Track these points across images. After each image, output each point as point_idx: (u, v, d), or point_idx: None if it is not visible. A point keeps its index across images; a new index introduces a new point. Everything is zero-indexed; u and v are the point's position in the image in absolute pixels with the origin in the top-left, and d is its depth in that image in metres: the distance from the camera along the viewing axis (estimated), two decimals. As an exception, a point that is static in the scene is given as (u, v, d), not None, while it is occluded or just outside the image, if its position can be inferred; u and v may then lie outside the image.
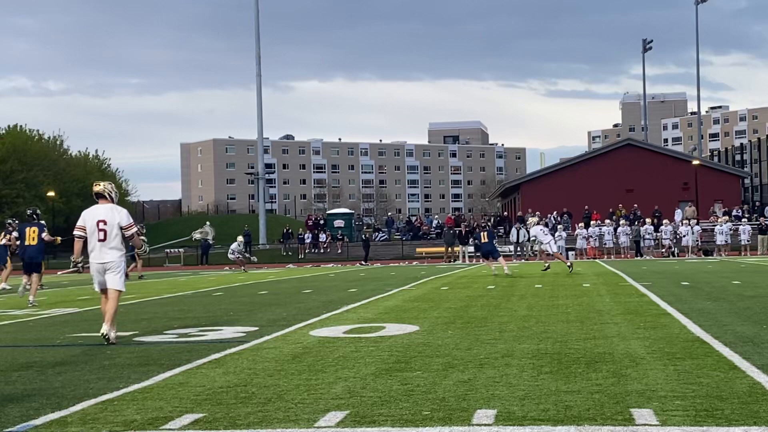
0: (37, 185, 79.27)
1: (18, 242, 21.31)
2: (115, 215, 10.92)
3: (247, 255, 45.91)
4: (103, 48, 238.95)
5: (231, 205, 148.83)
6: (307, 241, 60.73)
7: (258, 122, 74.66)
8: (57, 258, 58.04)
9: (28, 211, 20.40)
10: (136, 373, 7.88)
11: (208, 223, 46.00)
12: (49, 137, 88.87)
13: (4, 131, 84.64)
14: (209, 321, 13.17)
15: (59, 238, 21.99)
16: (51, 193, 78.87)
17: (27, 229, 19.81)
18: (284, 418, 5.78)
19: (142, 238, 19.51)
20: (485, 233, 27.87)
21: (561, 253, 30.55)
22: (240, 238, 43.89)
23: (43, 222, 20.48)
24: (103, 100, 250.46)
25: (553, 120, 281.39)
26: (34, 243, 19.61)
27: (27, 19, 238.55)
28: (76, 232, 11.05)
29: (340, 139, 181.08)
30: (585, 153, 65.19)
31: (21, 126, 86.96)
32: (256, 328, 11.70)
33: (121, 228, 10.90)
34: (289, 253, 61.45)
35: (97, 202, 11.10)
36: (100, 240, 10.80)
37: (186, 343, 10.31)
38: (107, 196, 11.06)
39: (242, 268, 41.20)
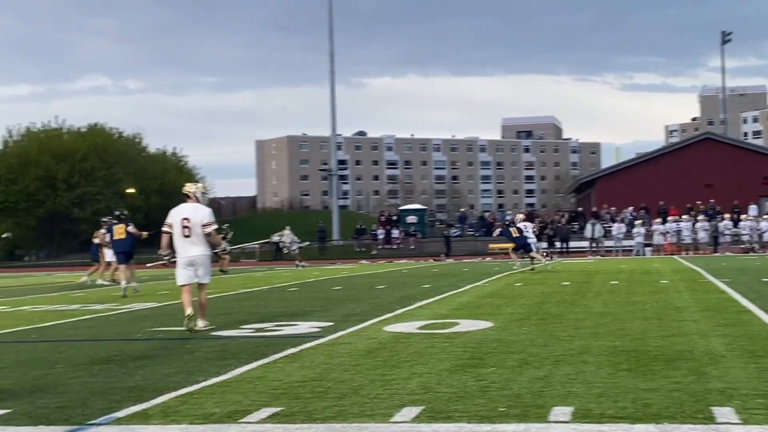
0: (117, 182, 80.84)
1: (108, 240, 23.31)
2: (198, 214, 11.84)
3: (295, 248, 44.96)
4: (179, 47, 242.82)
5: (304, 201, 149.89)
6: (380, 237, 60.87)
7: (331, 119, 75.02)
8: (140, 254, 59.10)
9: (116, 212, 22.96)
10: (214, 367, 8.00)
11: (288, 227, 46.44)
12: (128, 135, 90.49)
13: (85, 130, 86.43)
14: (285, 316, 13.29)
15: (145, 233, 23.24)
16: (130, 190, 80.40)
17: (114, 226, 22.15)
18: (360, 412, 5.81)
19: (228, 239, 20.97)
20: (515, 228, 28.68)
21: (542, 253, 31.24)
22: (287, 231, 43.32)
23: (127, 220, 22.37)
24: (180, 98, 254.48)
25: (628, 114, 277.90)
26: (123, 236, 21.88)
27: (106, 19, 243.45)
28: (164, 228, 11.99)
29: (412, 135, 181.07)
30: (662, 147, 64.20)
31: (101, 124, 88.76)
32: (331, 324, 11.78)
33: (202, 226, 11.76)
34: (362, 249, 61.62)
35: (185, 201, 12.08)
36: (185, 236, 11.74)
37: (263, 337, 10.43)
38: (193, 197, 12.08)
39: (298, 264, 40.92)
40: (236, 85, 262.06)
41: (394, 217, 65.24)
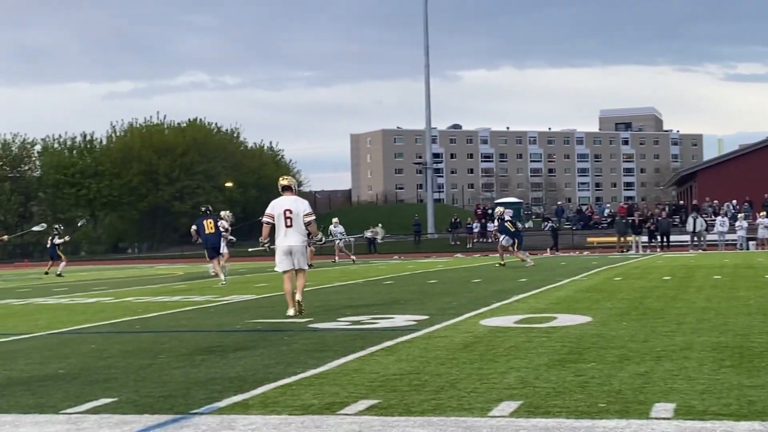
0: (215, 176, 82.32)
1: (197, 233, 23.96)
2: (299, 205, 12.69)
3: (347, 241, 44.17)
4: (276, 42, 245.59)
5: (399, 194, 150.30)
6: (476, 230, 60.66)
7: (426, 112, 75.02)
8: (234, 246, 59.98)
9: (202, 209, 24.41)
10: (312, 359, 8.08)
11: (380, 225, 46.67)
12: (226, 130, 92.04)
13: (185, 125, 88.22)
14: (380, 309, 13.35)
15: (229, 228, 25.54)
16: (229, 184, 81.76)
17: (204, 221, 23.26)
18: (458, 406, 5.80)
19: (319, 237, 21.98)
20: (510, 223, 29.51)
21: (519, 250, 31.31)
22: (335, 220, 43.08)
23: (215, 215, 24.32)
24: (276, 93, 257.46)
25: (731, 105, 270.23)
26: (212, 231, 23.23)
27: (205, 16, 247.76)
28: (264, 219, 12.77)
29: (508, 128, 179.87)
30: (767, 139, 62.28)
31: (200, 119, 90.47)
32: (427, 317, 11.78)
33: (302, 216, 12.60)
34: (457, 243, 61.52)
35: (282, 194, 12.82)
36: (287, 226, 12.55)
37: (359, 330, 10.49)
38: (293, 189, 12.89)
39: (351, 258, 40.71)
40: (332, 79, 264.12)
41: (490, 211, 64.93)
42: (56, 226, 39.66)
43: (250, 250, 26.34)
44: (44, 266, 37.23)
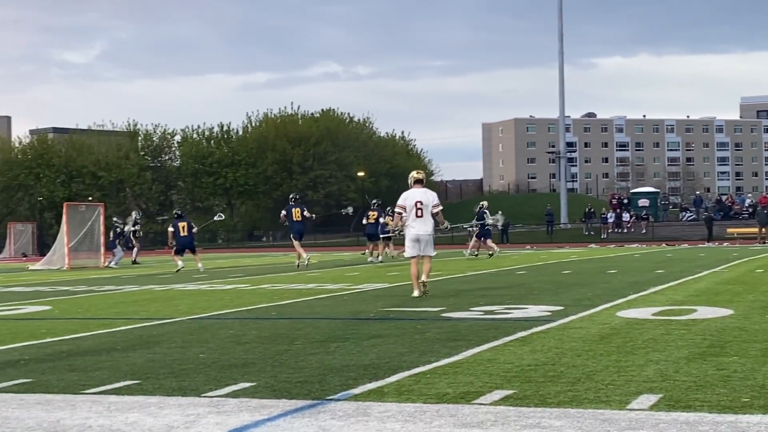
0: (347, 166, 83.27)
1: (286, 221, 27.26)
2: (428, 197, 13.98)
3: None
4: (407, 32, 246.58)
5: (531, 184, 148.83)
6: (610, 220, 59.62)
7: (560, 100, 74.06)
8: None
9: (292, 196, 27.76)
10: (445, 348, 8.08)
11: (500, 212, 46.42)
12: (358, 120, 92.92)
13: (318, 115, 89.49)
14: (514, 299, 13.25)
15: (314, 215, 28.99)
16: (360, 173, 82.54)
17: (292, 209, 26.42)
18: (595, 398, 5.70)
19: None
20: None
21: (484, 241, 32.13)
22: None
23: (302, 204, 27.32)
24: (408, 82, 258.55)
25: None
26: (299, 219, 26.45)
27: (338, 7, 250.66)
28: (397, 209, 14.28)
29: (644, 116, 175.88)
30: None
31: (333, 109, 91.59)
32: (561, 308, 11.63)
33: (431, 207, 13.93)
34: (591, 233, 60.60)
35: (413, 186, 14.12)
36: (417, 216, 13.81)
37: (492, 320, 10.44)
38: (423, 182, 14.25)
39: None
40: (463, 68, 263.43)
41: (625, 200, 63.65)
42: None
43: (385, 228, 27.42)
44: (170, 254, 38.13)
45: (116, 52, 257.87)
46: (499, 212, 44.80)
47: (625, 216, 59.69)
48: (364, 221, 30.89)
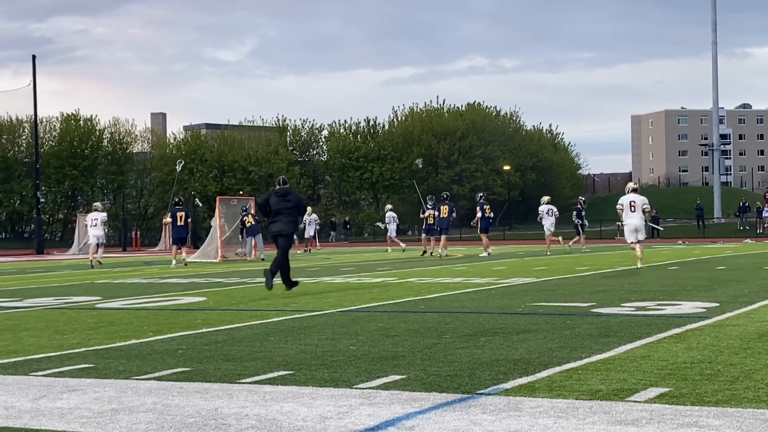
0: (493, 160, 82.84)
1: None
2: (639, 199, 20.25)
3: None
4: (553, 24, 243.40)
5: (683, 177, 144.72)
6: (766, 214, 57.37)
7: (713, 91, 71.78)
8: (510, 226, 60.05)
9: (442, 195, 29.90)
10: (596, 344, 7.95)
11: (390, 205, 46.01)
12: (505, 113, 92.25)
13: (463, 109, 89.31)
14: (666, 295, 12.93)
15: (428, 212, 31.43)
16: (506, 167, 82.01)
17: (441, 207, 29.03)
18: (755, 398, 5.52)
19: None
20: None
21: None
22: (388, 207, 41.90)
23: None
24: (554, 75, 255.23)
25: None
26: (445, 216, 29.77)
27: (482, 1, 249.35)
28: (618, 207, 20.55)
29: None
30: None
31: (479, 103, 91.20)
32: (717, 304, 11.29)
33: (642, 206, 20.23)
34: (746, 228, 58.55)
35: (628, 193, 20.46)
36: (632, 211, 20.12)
37: (644, 316, 10.22)
38: (636, 189, 20.94)
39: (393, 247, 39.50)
40: (611, 60, 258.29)
41: (782, 194, 61.13)
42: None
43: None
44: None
45: (265, 50, 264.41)
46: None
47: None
48: (421, 215, 33.19)
